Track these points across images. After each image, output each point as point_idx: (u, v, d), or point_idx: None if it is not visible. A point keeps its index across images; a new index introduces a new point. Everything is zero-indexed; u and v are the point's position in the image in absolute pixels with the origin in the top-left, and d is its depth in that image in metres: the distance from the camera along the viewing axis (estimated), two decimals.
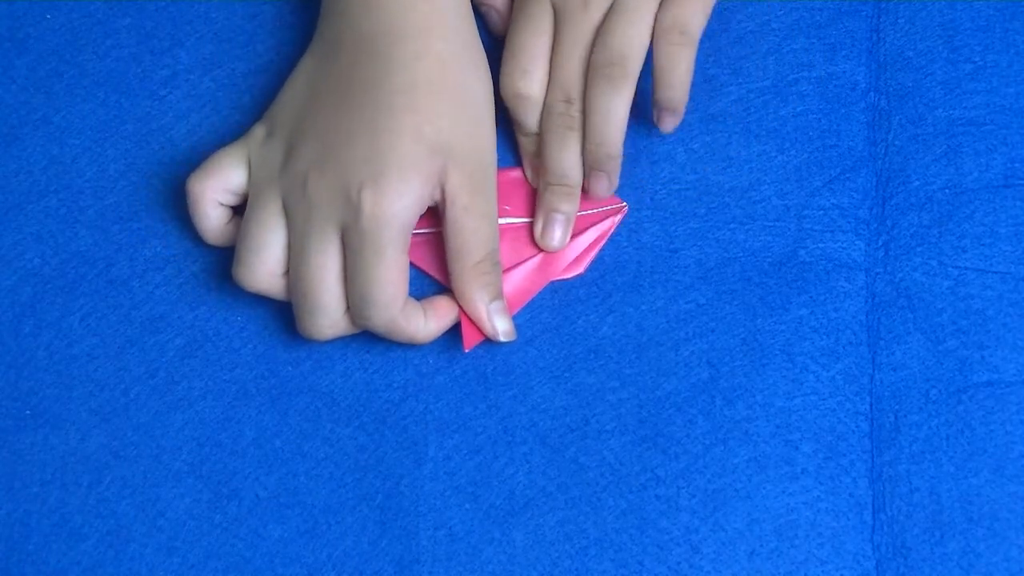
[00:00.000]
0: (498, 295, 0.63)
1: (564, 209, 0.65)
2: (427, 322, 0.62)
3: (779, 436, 0.64)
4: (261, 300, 0.65)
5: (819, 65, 0.68)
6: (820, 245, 0.66)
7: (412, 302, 0.62)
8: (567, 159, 0.64)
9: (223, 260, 0.65)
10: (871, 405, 0.64)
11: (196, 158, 0.66)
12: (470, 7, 0.63)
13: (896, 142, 0.67)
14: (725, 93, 0.68)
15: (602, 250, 0.66)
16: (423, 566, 0.63)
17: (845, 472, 0.64)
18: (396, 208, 0.59)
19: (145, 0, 0.68)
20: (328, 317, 0.61)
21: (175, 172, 0.66)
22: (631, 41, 0.63)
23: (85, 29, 0.68)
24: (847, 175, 0.67)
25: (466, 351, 0.63)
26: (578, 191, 0.65)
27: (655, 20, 0.63)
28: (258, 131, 0.63)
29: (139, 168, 0.67)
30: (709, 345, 0.65)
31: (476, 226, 0.61)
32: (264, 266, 0.61)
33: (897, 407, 0.64)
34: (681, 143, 0.67)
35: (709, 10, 0.64)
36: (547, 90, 0.64)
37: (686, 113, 0.66)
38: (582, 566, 0.63)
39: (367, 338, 0.64)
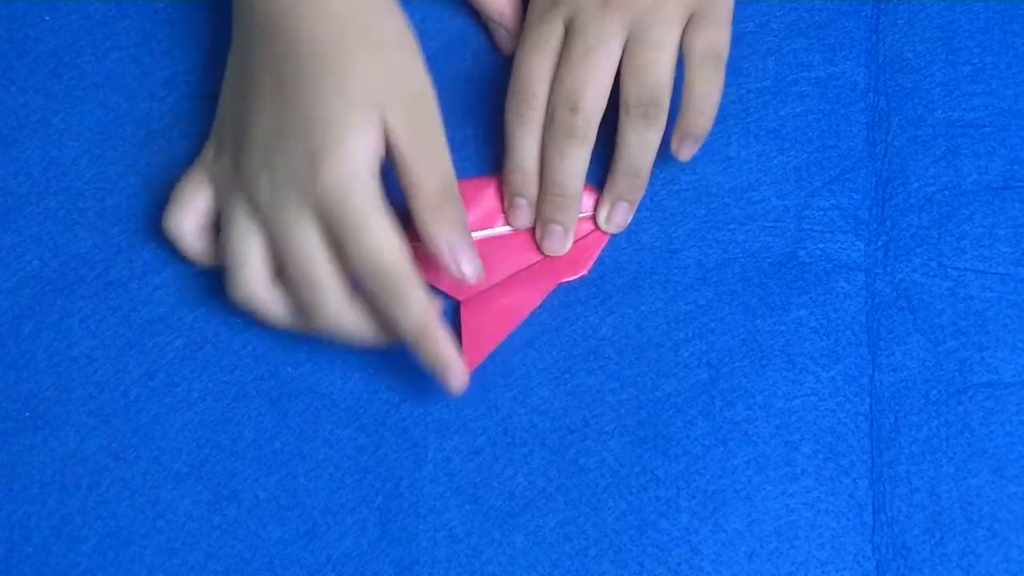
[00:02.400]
0: (459, 229, 0.60)
1: (562, 220, 0.65)
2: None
3: (779, 437, 0.64)
4: None
5: (819, 66, 0.68)
6: (820, 246, 0.66)
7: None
8: (567, 169, 0.64)
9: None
10: (871, 406, 0.64)
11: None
12: None
13: (895, 143, 0.67)
14: (725, 93, 0.68)
15: (602, 251, 0.66)
16: (423, 567, 0.63)
17: (845, 473, 0.64)
18: (349, 169, 0.58)
19: (145, 1, 0.68)
20: (334, 299, 0.60)
21: (175, 174, 0.66)
22: (662, 77, 0.62)
23: (84, 30, 0.68)
24: (847, 176, 0.67)
25: (470, 369, 0.63)
26: (577, 202, 0.65)
27: (686, 45, 0.63)
28: (208, 150, 0.63)
29: (139, 170, 0.66)
30: (709, 346, 0.65)
31: (421, 157, 0.60)
32: (253, 278, 0.61)
33: (897, 408, 0.64)
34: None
35: (731, 29, 0.64)
36: (550, 96, 0.63)
37: None
38: (582, 567, 0.63)
39: None
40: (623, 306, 0.65)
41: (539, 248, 0.65)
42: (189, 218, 0.62)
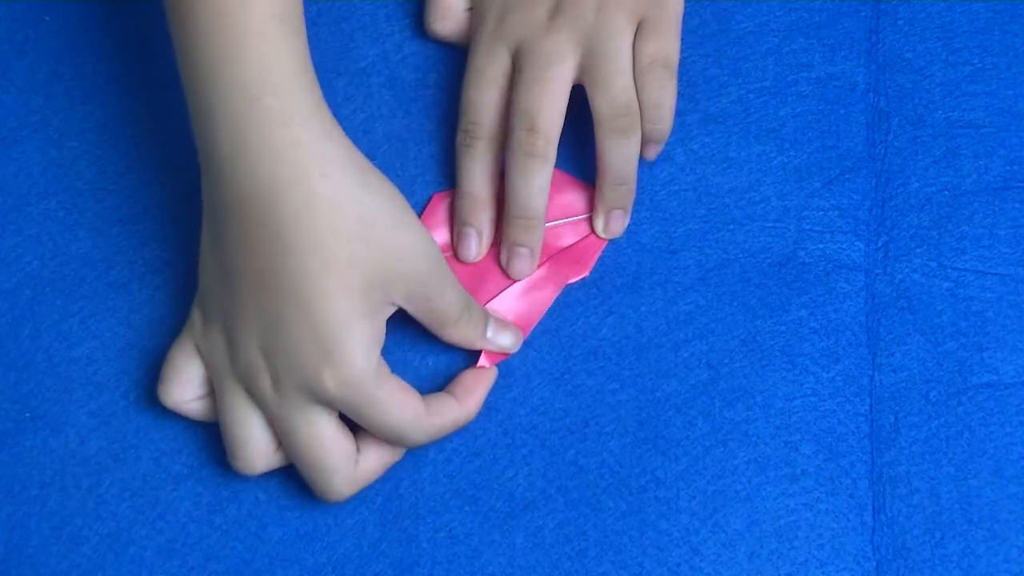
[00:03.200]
0: (485, 323, 0.63)
1: (527, 242, 0.64)
2: (461, 403, 0.62)
3: (779, 437, 0.64)
4: None
5: (818, 66, 0.68)
6: (820, 246, 0.66)
7: (434, 398, 0.61)
8: (529, 189, 0.63)
9: None
10: (871, 406, 0.64)
11: (196, 160, 0.66)
12: (333, 121, 0.58)
13: (895, 143, 0.67)
14: (724, 94, 0.68)
15: (602, 252, 0.66)
16: (423, 568, 0.63)
17: (845, 473, 0.64)
18: (359, 367, 0.57)
19: (144, 2, 0.68)
20: (342, 475, 0.60)
21: (175, 174, 0.66)
22: (628, 85, 0.63)
23: (84, 31, 0.68)
24: (846, 176, 0.67)
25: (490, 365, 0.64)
26: (541, 222, 0.64)
27: (636, 53, 0.63)
28: (195, 318, 0.61)
29: (138, 170, 0.66)
30: (709, 346, 0.65)
31: (441, 306, 0.60)
32: (257, 453, 0.60)
33: (897, 408, 0.64)
34: (680, 144, 0.67)
35: (680, 35, 0.64)
36: (509, 117, 0.63)
37: (685, 114, 0.66)
38: (582, 568, 0.63)
39: None
40: (623, 306, 0.65)
41: (505, 272, 0.65)
42: (186, 390, 0.61)
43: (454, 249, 0.65)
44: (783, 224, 0.66)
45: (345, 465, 0.59)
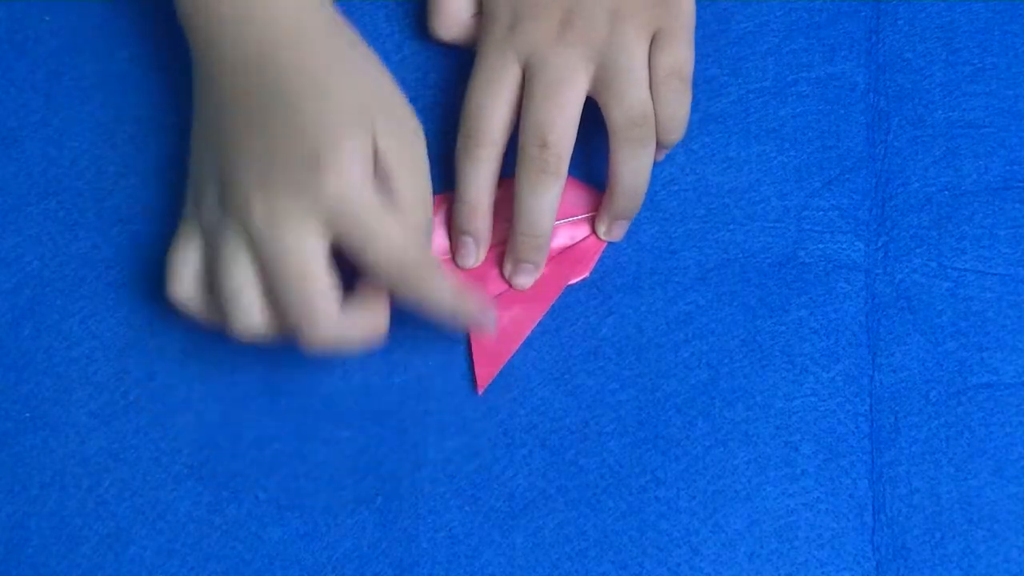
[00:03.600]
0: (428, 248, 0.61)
1: (534, 260, 0.64)
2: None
3: (779, 437, 0.64)
4: None
5: (818, 66, 0.68)
6: (819, 246, 0.66)
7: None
8: (539, 206, 0.63)
9: None
10: (871, 406, 0.64)
11: None
12: (337, 14, 0.61)
13: (895, 143, 0.67)
14: (724, 94, 0.68)
15: (602, 252, 0.66)
16: (423, 568, 0.63)
17: (845, 473, 0.64)
18: (357, 171, 0.57)
19: (144, 1, 0.68)
20: (327, 312, 0.58)
21: (175, 174, 0.66)
22: (644, 97, 0.62)
23: (84, 31, 0.68)
24: (846, 176, 0.67)
25: (484, 386, 0.64)
26: (548, 240, 0.64)
27: (650, 64, 0.63)
28: (188, 209, 0.61)
29: (138, 170, 0.66)
30: (709, 346, 0.65)
31: (403, 168, 0.59)
32: (254, 306, 0.59)
33: (897, 408, 0.64)
34: (680, 144, 0.67)
35: (693, 44, 0.64)
36: (520, 131, 0.62)
37: None
38: (582, 568, 0.63)
39: None
40: (623, 306, 0.65)
41: (510, 283, 0.65)
42: (189, 282, 0.61)
43: (452, 254, 0.65)
44: (783, 224, 0.66)
45: (331, 303, 0.58)
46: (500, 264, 0.65)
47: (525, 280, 0.65)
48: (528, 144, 0.62)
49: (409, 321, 0.65)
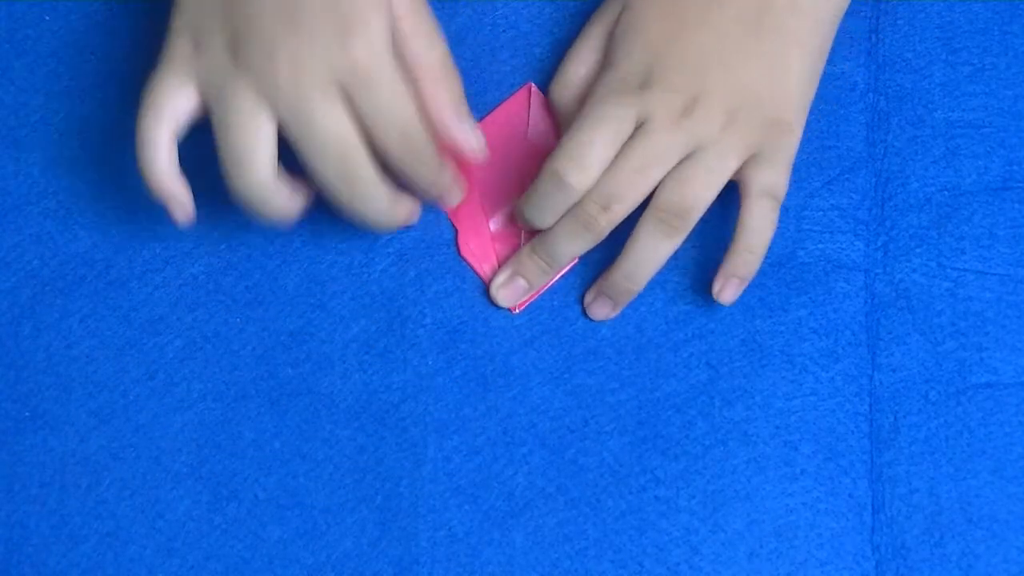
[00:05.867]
0: (463, 100, 0.62)
1: (534, 281, 0.65)
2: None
3: (778, 437, 0.64)
4: (260, 301, 0.65)
5: None
6: (819, 246, 0.66)
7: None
8: (566, 250, 0.63)
9: (223, 261, 0.65)
10: (870, 406, 0.64)
11: (196, 160, 0.66)
12: None
13: (895, 143, 0.67)
14: None
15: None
16: (423, 567, 0.63)
17: (844, 473, 0.64)
18: (379, 40, 0.58)
19: (144, 1, 0.68)
20: (369, 173, 0.59)
21: None
22: (703, 196, 0.61)
23: (84, 30, 0.68)
24: (846, 176, 0.67)
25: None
26: (555, 273, 0.65)
27: (745, 180, 0.62)
28: (181, 46, 0.60)
29: (139, 171, 0.66)
30: (708, 346, 0.65)
31: (421, 33, 0.61)
32: (265, 164, 0.59)
33: (896, 408, 0.64)
34: None
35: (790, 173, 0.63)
36: (655, 193, 0.62)
37: None
38: (582, 567, 0.63)
39: (366, 338, 0.64)
40: (622, 308, 0.65)
41: (493, 292, 0.65)
42: (172, 117, 0.60)
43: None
44: (782, 224, 0.66)
45: (365, 156, 0.59)
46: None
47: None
48: (592, 200, 0.61)
49: (409, 320, 0.65)
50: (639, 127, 0.61)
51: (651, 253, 0.62)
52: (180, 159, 0.60)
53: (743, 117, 0.61)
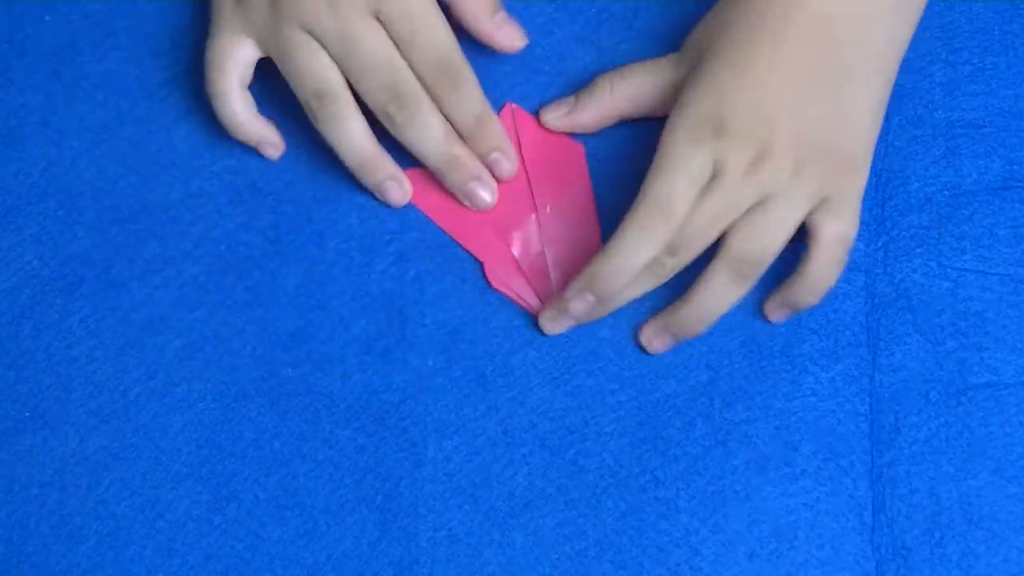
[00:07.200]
0: (497, 4, 0.65)
1: (584, 318, 0.64)
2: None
3: (778, 437, 0.64)
4: (260, 301, 0.65)
5: None
6: None
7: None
8: (628, 294, 0.63)
9: (222, 261, 0.65)
10: (871, 406, 0.64)
11: (195, 159, 0.66)
12: None
13: (895, 143, 0.67)
14: None
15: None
16: (422, 567, 0.63)
17: (845, 473, 0.64)
18: None
19: (144, 1, 0.68)
20: (415, 87, 0.63)
21: (174, 174, 0.66)
22: (774, 245, 0.62)
23: (84, 31, 0.68)
24: None
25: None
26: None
27: (816, 226, 0.62)
28: (224, 6, 0.64)
29: (138, 170, 0.66)
30: (708, 347, 0.65)
31: None
32: (340, 88, 0.63)
33: (897, 408, 0.64)
34: None
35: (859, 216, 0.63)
36: (725, 234, 0.62)
37: None
38: (582, 567, 0.63)
39: (366, 338, 0.64)
40: (622, 307, 0.65)
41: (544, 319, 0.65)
42: (234, 75, 0.64)
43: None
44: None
45: (410, 73, 0.63)
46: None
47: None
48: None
49: (409, 320, 0.65)
50: (714, 174, 0.61)
51: (721, 298, 0.63)
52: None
53: (812, 163, 0.61)
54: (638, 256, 0.62)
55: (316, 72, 0.63)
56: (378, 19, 0.62)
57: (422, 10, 0.62)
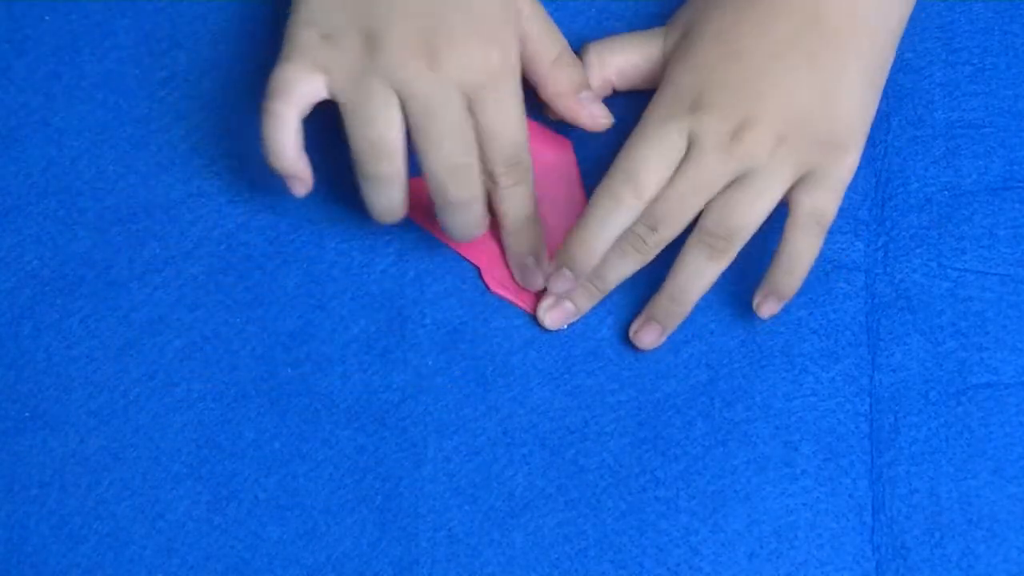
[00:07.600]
0: (584, 83, 0.65)
1: (581, 305, 0.65)
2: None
3: (778, 437, 0.64)
4: (260, 301, 0.65)
5: None
6: None
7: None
8: (614, 273, 0.63)
9: (222, 261, 0.65)
10: (871, 406, 0.64)
11: (196, 159, 0.66)
12: None
13: (895, 143, 0.67)
14: None
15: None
16: (422, 568, 0.63)
17: (845, 473, 0.64)
18: (515, 51, 0.62)
19: (144, 1, 0.68)
20: (473, 172, 0.61)
21: (174, 174, 0.66)
22: (749, 220, 0.62)
23: (84, 30, 0.68)
24: None
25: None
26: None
27: (793, 201, 0.62)
28: (308, 37, 0.62)
29: (138, 170, 0.66)
30: (708, 347, 0.65)
31: (547, 30, 0.64)
32: (397, 151, 0.61)
33: (897, 408, 0.64)
34: None
35: (842, 198, 0.63)
36: (702, 215, 0.62)
37: None
38: (582, 567, 0.63)
39: (366, 338, 0.64)
40: (622, 307, 0.65)
41: (541, 314, 0.65)
42: (300, 101, 0.62)
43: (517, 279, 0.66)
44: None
45: (475, 160, 0.62)
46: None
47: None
48: (640, 223, 0.62)
49: (409, 320, 0.65)
50: (689, 149, 0.61)
51: (697, 275, 0.63)
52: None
53: (793, 140, 0.61)
54: (607, 228, 0.62)
55: (382, 124, 0.61)
56: (467, 95, 0.61)
57: (511, 106, 0.61)
